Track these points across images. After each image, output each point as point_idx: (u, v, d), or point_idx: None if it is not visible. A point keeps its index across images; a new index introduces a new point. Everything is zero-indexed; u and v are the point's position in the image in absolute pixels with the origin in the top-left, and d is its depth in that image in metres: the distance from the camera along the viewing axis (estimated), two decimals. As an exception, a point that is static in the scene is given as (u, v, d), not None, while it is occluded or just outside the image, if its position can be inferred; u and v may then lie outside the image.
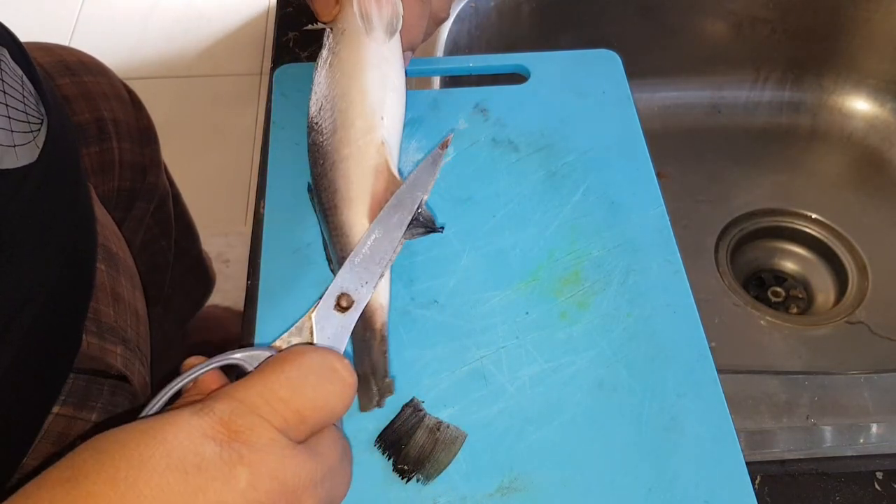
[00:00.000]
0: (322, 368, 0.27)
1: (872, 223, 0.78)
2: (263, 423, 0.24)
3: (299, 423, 0.26)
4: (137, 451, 0.23)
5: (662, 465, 0.37)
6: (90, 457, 0.23)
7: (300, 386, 0.26)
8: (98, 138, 0.69)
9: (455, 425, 0.37)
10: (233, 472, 0.23)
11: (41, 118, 0.47)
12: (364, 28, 0.42)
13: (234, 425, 0.24)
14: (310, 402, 0.26)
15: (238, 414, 0.24)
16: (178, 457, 0.23)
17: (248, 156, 1.47)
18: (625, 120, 0.50)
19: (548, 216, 0.46)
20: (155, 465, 0.22)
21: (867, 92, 0.83)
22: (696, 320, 0.41)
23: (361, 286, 0.35)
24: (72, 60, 0.70)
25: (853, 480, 0.42)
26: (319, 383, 0.26)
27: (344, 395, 0.27)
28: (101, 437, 0.24)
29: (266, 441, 0.24)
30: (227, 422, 0.24)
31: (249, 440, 0.24)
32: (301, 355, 0.27)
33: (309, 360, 0.27)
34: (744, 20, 0.81)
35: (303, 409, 0.26)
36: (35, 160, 0.45)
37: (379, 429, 0.37)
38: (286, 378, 0.26)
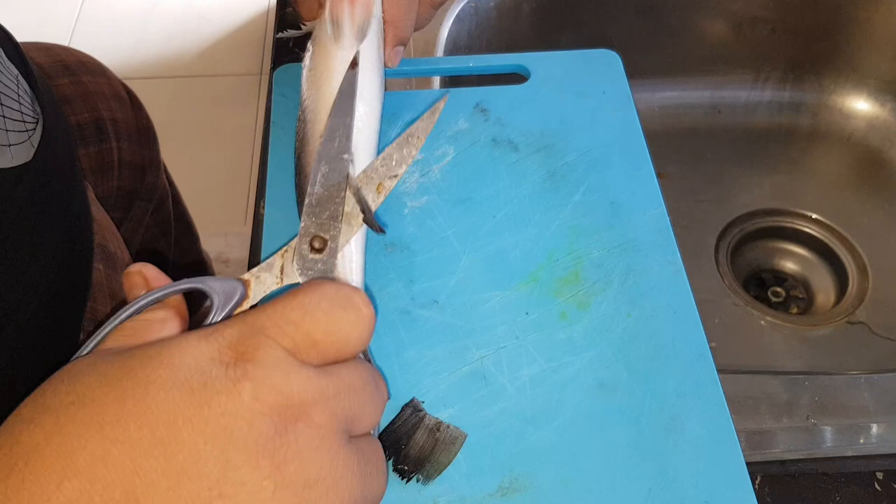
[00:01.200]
0: (336, 296, 0.26)
1: (872, 223, 0.79)
2: (270, 342, 0.24)
3: (310, 346, 0.25)
4: (144, 373, 0.23)
5: (662, 465, 0.37)
6: (95, 381, 0.23)
7: (312, 310, 0.26)
8: (97, 138, 0.69)
9: (455, 425, 0.37)
10: (237, 387, 0.23)
11: (36, 117, 0.47)
12: (333, 34, 0.41)
13: (241, 346, 0.24)
14: (321, 326, 0.26)
15: (246, 335, 0.24)
16: (184, 376, 0.23)
17: (248, 156, 1.47)
18: (625, 120, 0.50)
19: (548, 216, 0.46)
20: (161, 384, 0.23)
21: (867, 92, 0.83)
22: (696, 320, 0.41)
23: (329, 222, 0.34)
24: (71, 60, 0.70)
25: (853, 480, 0.42)
26: (332, 309, 0.26)
27: (359, 324, 0.27)
28: (103, 362, 0.24)
29: (272, 359, 0.24)
30: (235, 344, 0.24)
31: (255, 358, 0.24)
32: (316, 284, 0.27)
33: (323, 288, 0.27)
34: (744, 20, 0.81)
35: (314, 332, 0.25)
36: (30, 160, 0.45)
37: (379, 429, 0.37)
38: (298, 303, 0.26)
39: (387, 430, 0.37)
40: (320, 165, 0.35)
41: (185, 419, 0.22)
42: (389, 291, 0.42)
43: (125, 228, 0.73)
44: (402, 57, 0.47)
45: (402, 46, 0.45)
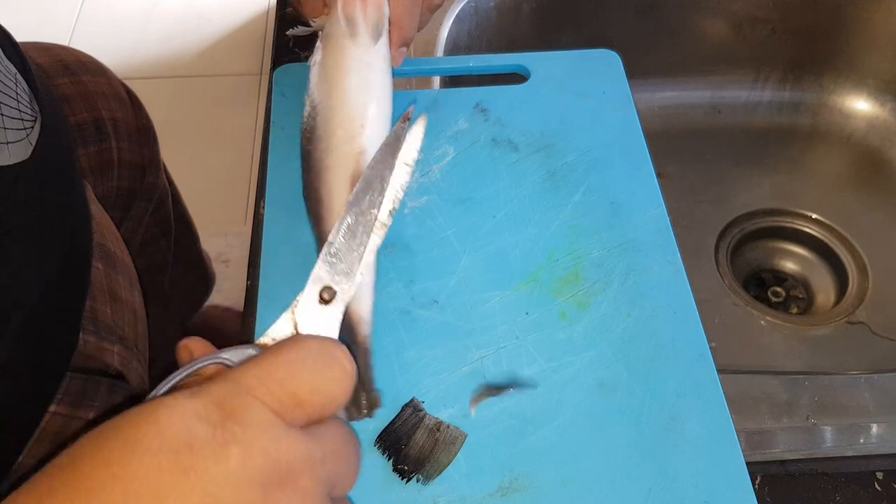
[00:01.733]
0: (320, 354, 0.26)
1: (872, 223, 0.78)
2: (257, 402, 0.24)
3: (295, 405, 0.25)
4: (132, 433, 0.23)
5: (662, 465, 0.37)
6: (88, 442, 0.23)
7: (298, 369, 0.25)
8: (97, 138, 0.69)
9: (455, 425, 0.37)
10: (224, 451, 0.22)
11: (35, 116, 0.47)
12: (348, 32, 0.42)
13: (227, 405, 0.24)
14: (307, 385, 0.25)
15: (232, 394, 0.24)
16: (171, 437, 0.22)
17: (248, 156, 1.47)
18: (625, 120, 0.50)
19: (548, 216, 0.46)
20: (147, 445, 0.22)
21: (867, 92, 0.83)
22: (696, 320, 0.41)
23: (342, 276, 0.33)
24: (70, 60, 0.70)
25: (853, 480, 0.42)
26: (317, 368, 0.26)
27: (343, 382, 0.27)
28: (103, 425, 0.24)
29: (259, 421, 0.24)
30: (221, 402, 0.24)
31: (243, 419, 0.23)
32: (300, 341, 0.27)
33: (307, 345, 0.26)
34: (744, 20, 0.81)
35: (299, 392, 0.25)
36: (28, 157, 0.45)
37: (379, 429, 0.37)
38: (284, 361, 0.26)
39: (387, 430, 0.37)
40: (348, 215, 0.34)
41: (171, 486, 0.22)
42: (389, 291, 0.42)
43: (125, 228, 0.73)
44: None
45: (405, 47, 0.45)
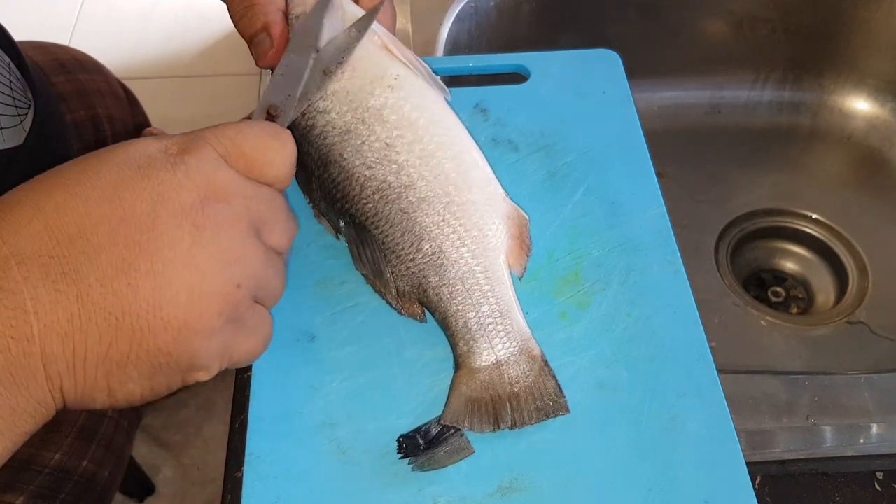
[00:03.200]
0: (268, 127, 0.33)
1: (872, 223, 0.78)
2: (208, 145, 0.30)
3: (239, 155, 0.31)
4: (105, 154, 0.30)
5: (662, 465, 0.37)
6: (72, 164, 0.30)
7: (245, 131, 0.32)
8: (94, 135, 0.69)
9: (468, 438, 0.37)
10: (174, 167, 0.29)
11: (28, 103, 0.48)
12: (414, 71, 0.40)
13: (184, 145, 0.30)
14: (251, 143, 0.32)
15: (189, 139, 0.30)
16: (135, 158, 0.29)
17: (248, 156, 1.47)
18: (625, 120, 0.50)
19: (548, 216, 0.46)
20: (115, 161, 0.29)
21: (867, 92, 0.83)
22: (696, 320, 0.41)
23: (286, 98, 0.38)
24: (67, 58, 0.71)
25: (853, 480, 0.42)
26: (262, 134, 0.32)
27: (282, 151, 0.33)
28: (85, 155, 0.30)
29: (207, 156, 0.30)
30: (179, 143, 0.30)
31: (194, 152, 0.30)
32: (252, 120, 0.33)
33: (259, 122, 0.33)
34: (744, 20, 0.81)
35: (244, 146, 0.31)
36: (22, 143, 0.45)
37: (380, 428, 0.38)
38: (235, 125, 0.32)
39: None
40: (290, 56, 0.39)
41: (129, 184, 0.28)
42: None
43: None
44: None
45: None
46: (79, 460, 0.62)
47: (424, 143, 0.39)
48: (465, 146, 0.41)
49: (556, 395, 0.38)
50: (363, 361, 0.40)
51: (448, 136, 0.40)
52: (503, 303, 0.39)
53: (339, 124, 0.39)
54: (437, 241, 0.39)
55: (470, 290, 0.39)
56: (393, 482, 0.36)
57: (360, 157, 0.39)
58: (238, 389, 0.41)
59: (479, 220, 0.39)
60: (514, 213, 0.41)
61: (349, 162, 0.39)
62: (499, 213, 0.40)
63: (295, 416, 0.38)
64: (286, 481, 0.36)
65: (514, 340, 0.38)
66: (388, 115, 0.39)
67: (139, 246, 0.28)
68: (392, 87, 0.40)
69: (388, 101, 0.39)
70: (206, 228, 0.29)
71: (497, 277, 0.39)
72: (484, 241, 0.39)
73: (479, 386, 0.38)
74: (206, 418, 1.19)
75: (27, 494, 0.57)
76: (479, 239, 0.39)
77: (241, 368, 0.42)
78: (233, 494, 0.38)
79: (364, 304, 0.42)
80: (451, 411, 0.37)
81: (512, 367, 0.38)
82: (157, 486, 1.12)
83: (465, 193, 0.40)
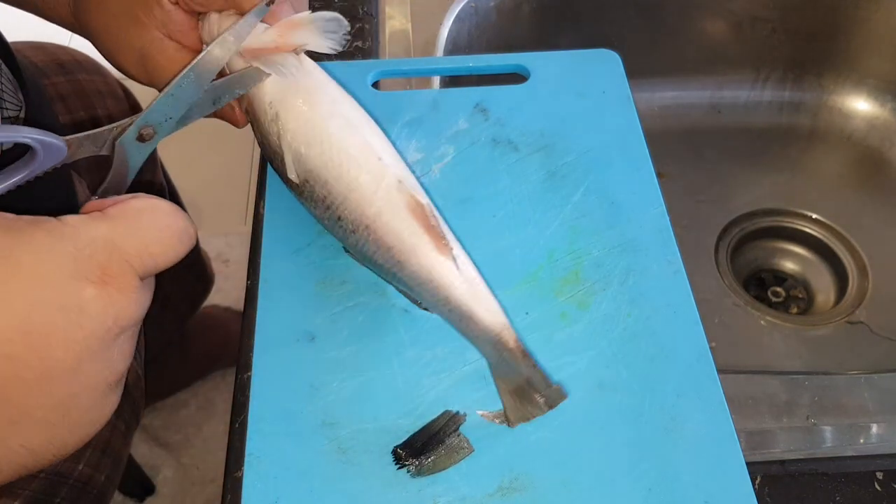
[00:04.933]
0: (183, 234, 0.31)
1: (872, 223, 0.78)
2: (132, 272, 0.29)
3: (153, 269, 0.30)
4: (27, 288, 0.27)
5: (662, 465, 0.37)
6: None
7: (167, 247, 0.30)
8: None
9: (466, 437, 0.37)
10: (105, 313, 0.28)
11: (20, 105, 0.48)
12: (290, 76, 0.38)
13: (109, 270, 0.28)
14: (166, 259, 0.31)
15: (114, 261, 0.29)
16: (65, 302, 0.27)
17: (248, 156, 1.47)
18: (625, 120, 0.50)
19: (548, 216, 0.46)
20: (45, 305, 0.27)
21: (867, 92, 0.83)
22: (696, 320, 0.41)
23: (165, 120, 0.37)
24: (66, 59, 0.71)
25: (853, 480, 0.42)
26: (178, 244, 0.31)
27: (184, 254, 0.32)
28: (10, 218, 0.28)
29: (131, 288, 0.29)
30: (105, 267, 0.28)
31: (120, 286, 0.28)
32: (169, 217, 0.31)
33: (174, 223, 0.31)
34: (744, 20, 0.81)
35: (160, 264, 0.30)
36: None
37: (379, 428, 0.38)
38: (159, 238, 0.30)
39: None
40: (190, 72, 0.37)
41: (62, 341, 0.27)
42: (390, 291, 0.42)
43: (122, 225, 0.74)
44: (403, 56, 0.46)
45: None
46: (74, 464, 0.62)
47: (323, 149, 0.38)
48: (347, 146, 0.38)
49: (544, 384, 0.37)
50: (363, 361, 0.40)
51: (333, 143, 0.38)
52: (454, 305, 0.37)
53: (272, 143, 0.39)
54: (374, 250, 0.38)
55: (428, 299, 0.38)
56: (393, 482, 0.36)
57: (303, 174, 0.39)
58: (238, 389, 0.42)
59: (387, 227, 0.37)
60: (413, 202, 0.37)
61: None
62: (398, 208, 0.37)
63: (295, 416, 0.38)
64: (286, 481, 0.36)
65: (486, 342, 0.37)
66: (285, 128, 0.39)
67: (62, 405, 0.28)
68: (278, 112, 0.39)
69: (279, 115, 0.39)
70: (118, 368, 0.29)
71: (433, 280, 0.37)
72: (400, 247, 0.37)
73: (504, 379, 0.38)
74: (206, 418, 1.19)
75: (22, 499, 0.57)
76: (397, 246, 0.37)
77: (241, 368, 0.42)
78: (233, 494, 0.38)
79: (364, 304, 0.42)
80: (509, 412, 0.37)
81: (502, 365, 0.38)
82: (157, 486, 1.12)
83: (368, 204, 0.38)
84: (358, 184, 0.37)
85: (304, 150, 0.38)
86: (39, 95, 0.53)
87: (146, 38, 0.40)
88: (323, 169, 0.38)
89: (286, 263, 0.43)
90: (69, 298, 0.27)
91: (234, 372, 0.43)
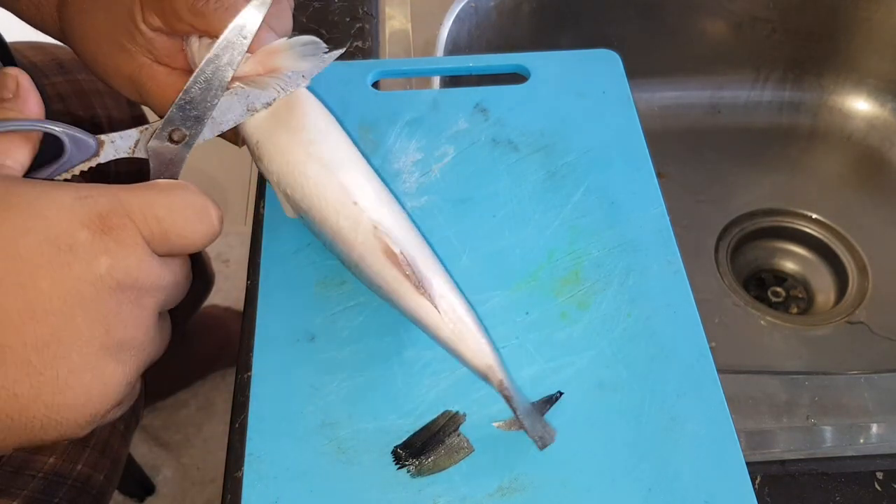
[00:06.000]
0: (201, 209, 0.31)
1: (872, 223, 0.78)
2: (134, 227, 0.28)
3: (163, 240, 0.30)
4: (21, 220, 0.27)
5: (662, 465, 0.37)
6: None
7: (177, 215, 0.30)
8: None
9: (466, 437, 0.37)
10: (98, 258, 0.27)
11: None
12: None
13: (109, 221, 0.28)
14: (178, 229, 0.30)
15: (116, 213, 0.28)
16: (55, 234, 0.27)
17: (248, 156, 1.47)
18: (625, 120, 0.50)
19: (548, 216, 0.46)
20: (34, 236, 0.26)
21: (867, 92, 0.83)
22: (696, 320, 0.41)
23: (192, 121, 0.37)
24: (66, 58, 0.71)
25: (853, 480, 0.42)
26: (193, 219, 0.31)
27: (207, 236, 0.31)
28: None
29: (131, 242, 0.28)
30: (105, 216, 0.28)
31: (119, 237, 0.28)
32: (187, 191, 0.31)
33: (192, 198, 0.31)
34: (744, 20, 0.81)
35: (170, 232, 0.30)
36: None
37: (379, 428, 0.38)
38: (167, 202, 0.30)
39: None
40: (206, 68, 0.37)
41: (48, 273, 0.26)
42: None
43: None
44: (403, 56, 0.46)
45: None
46: (73, 464, 0.62)
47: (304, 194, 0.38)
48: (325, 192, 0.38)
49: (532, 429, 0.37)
50: (363, 361, 0.40)
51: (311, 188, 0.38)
52: (442, 343, 0.37)
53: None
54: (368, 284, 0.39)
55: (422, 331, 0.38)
56: (393, 482, 0.36)
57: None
58: (238, 389, 0.42)
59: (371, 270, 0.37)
60: (388, 250, 0.37)
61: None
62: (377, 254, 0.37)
63: (295, 416, 0.38)
64: (286, 481, 0.36)
65: (479, 375, 0.37)
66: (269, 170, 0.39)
67: (47, 348, 0.26)
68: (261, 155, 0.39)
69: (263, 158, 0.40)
70: (116, 330, 0.28)
71: (419, 320, 0.37)
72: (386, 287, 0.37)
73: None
74: (206, 418, 1.19)
75: (21, 499, 0.57)
76: (384, 286, 0.37)
77: (241, 368, 0.42)
78: (233, 494, 0.38)
79: (364, 304, 0.42)
80: (530, 431, 0.37)
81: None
82: (157, 486, 1.12)
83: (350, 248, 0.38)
84: (339, 228, 0.38)
85: (290, 192, 0.39)
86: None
87: (134, 64, 0.39)
88: (308, 212, 0.39)
89: (286, 263, 0.43)
90: (61, 235, 0.27)
91: (234, 372, 0.43)
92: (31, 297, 0.26)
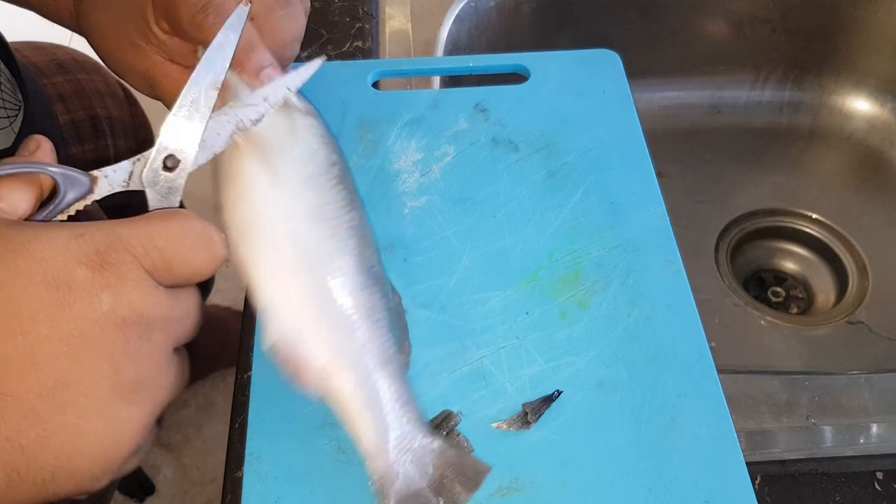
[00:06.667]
0: (201, 235, 0.30)
1: (872, 223, 0.78)
2: (134, 261, 0.27)
3: (166, 270, 0.28)
4: (15, 263, 0.25)
5: (662, 465, 0.37)
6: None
7: (177, 243, 0.28)
8: (93, 135, 0.69)
9: (466, 437, 0.37)
10: (98, 296, 0.26)
11: (18, 105, 0.48)
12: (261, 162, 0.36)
13: (107, 257, 0.26)
14: (180, 258, 0.28)
15: (114, 248, 0.27)
16: (53, 274, 0.25)
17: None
18: (625, 120, 0.50)
19: (548, 216, 0.46)
20: (31, 277, 0.25)
21: (867, 92, 0.83)
22: (696, 320, 0.41)
23: (185, 147, 0.35)
24: (65, 59, 0.71)
25: (853, 480, 0.42)
26: (195, 245, 0.29)
27: (212, 262, 0.30)
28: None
29: (133, 276, 0.27)
30: (102, 252, 0.26)
31: (119, 272, 0.26)
32: (185, 218, 0.30)
33: (192, 224, 0.30)
34: (744, 20, 0.81)
35: (172, 261, 0.28)
36: (10, 145, 0.45)
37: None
38: (166, 231, 0.28)
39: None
40: (191, 89, 0.35)
41: (47, 316, 0.25)
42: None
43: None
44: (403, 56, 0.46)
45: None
46: None
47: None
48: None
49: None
50: (363, 361, 0.40)
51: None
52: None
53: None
54: None
55: None
56: (393, 482, 0.36)
57: None
58: (238, 389, 0.42)
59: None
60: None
61: None
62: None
63: (295, 416, 0.38)
64: (286, 481, 0.36)
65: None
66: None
67: (52, 394, 0.25)
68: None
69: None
70: (125, 370, 0.26)
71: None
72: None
73: None
74: (206, 418, 1.19)
75: None
76: None
77: (241, 368, 0.42)
78: (233, 494, 0.38)
79: (364, 304, 0.42)
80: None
81: None
82: (157, 486, 1.12)
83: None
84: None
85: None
86: (39, 96, 0.53)
87: (148, 62, 0.39)
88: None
89: (286, 263, 0.43)
90: (58, 275, 0.25)
91: (234, 372, 0.43)
92: (31, 343, 0.25)
